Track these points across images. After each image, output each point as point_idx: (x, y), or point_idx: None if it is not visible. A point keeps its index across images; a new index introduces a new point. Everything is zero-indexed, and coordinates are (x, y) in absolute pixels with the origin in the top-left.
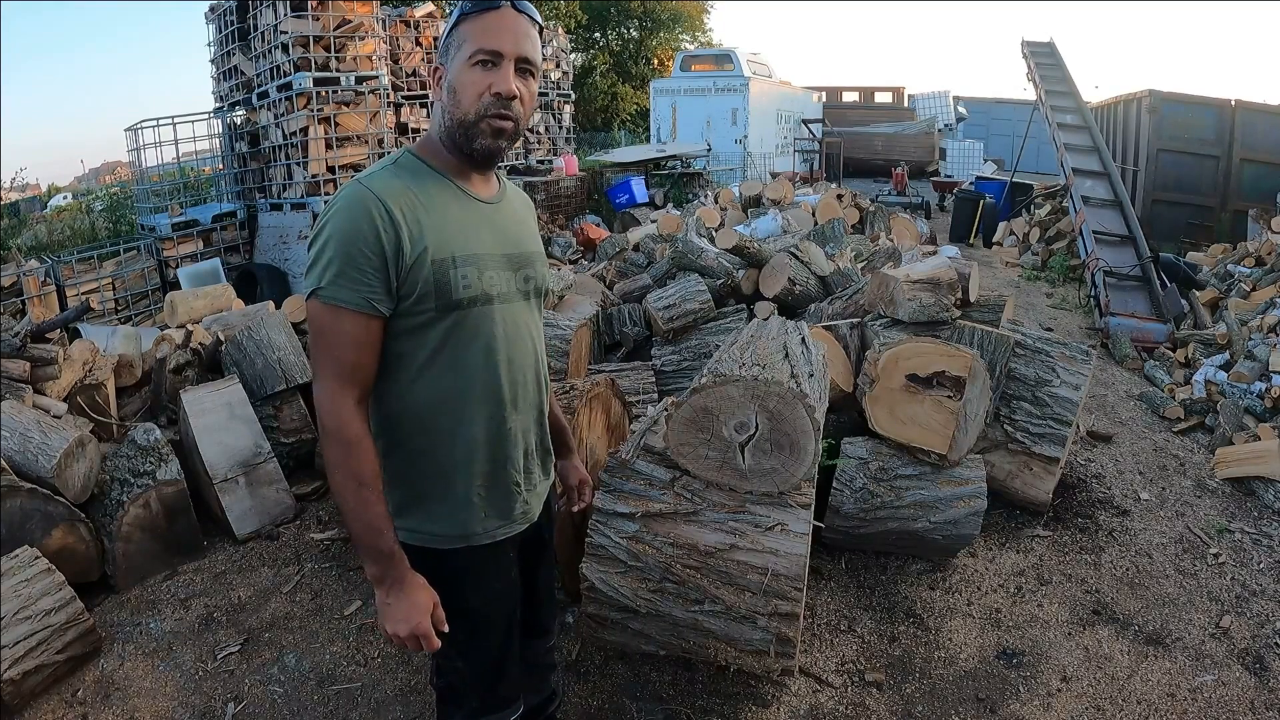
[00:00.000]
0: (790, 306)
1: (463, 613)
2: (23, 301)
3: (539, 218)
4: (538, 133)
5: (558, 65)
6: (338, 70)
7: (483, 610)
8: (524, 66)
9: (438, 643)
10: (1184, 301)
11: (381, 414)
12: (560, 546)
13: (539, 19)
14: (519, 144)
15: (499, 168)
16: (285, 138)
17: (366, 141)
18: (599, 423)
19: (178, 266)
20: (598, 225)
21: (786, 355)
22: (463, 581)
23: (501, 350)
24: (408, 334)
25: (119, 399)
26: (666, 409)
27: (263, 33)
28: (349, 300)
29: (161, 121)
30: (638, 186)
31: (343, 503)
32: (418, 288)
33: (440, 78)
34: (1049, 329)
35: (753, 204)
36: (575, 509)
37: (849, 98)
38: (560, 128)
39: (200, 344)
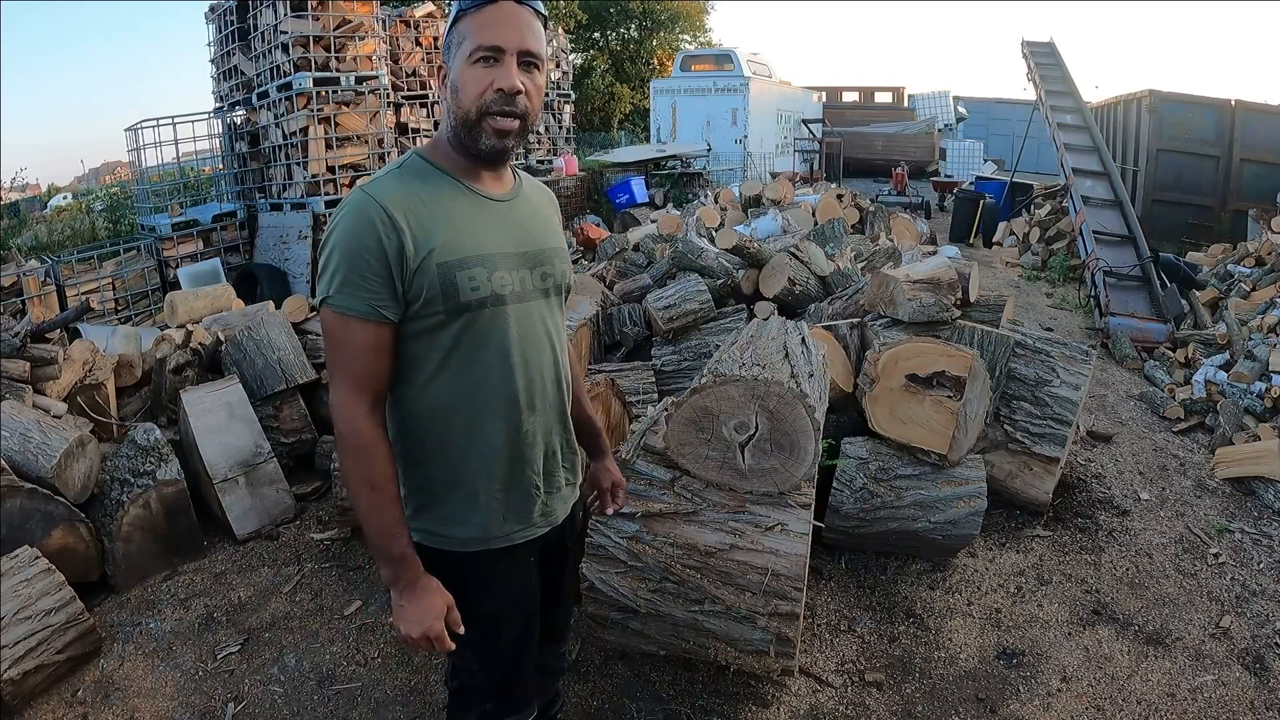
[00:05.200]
0: (790, 306)
1: (479, 616)
2: (23, 301)
3: None
4: (538, 133)
5: (558, 65)
6: (338, 70)
7: (499, 614)
8: (528, 60)
9: (451, 644)
10: (1184, 301)
11: (398, 417)
12: None
13: (542, 9)
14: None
15: (515, 164)
16: (285, 138)
17: (366, 141)
18: (599, 423)
19: (178, 266)
20: (598, 225)
21: (786, 355)
22: (479, 585)
23: (516, 352)
24: (419, 337)
25: (119, 399)
26: (666, 409)
27: (263, 33)
28: (356, 308)
29: (161, 121)
30: (638, 186)
31: (357, 506)
32: (425, 291)
33: (444, 76)
34: (1049, 329)
35: (753, 204)
36: (609, 512)
37: (849, 98)
38: (560, 128)
39: (200, 344)
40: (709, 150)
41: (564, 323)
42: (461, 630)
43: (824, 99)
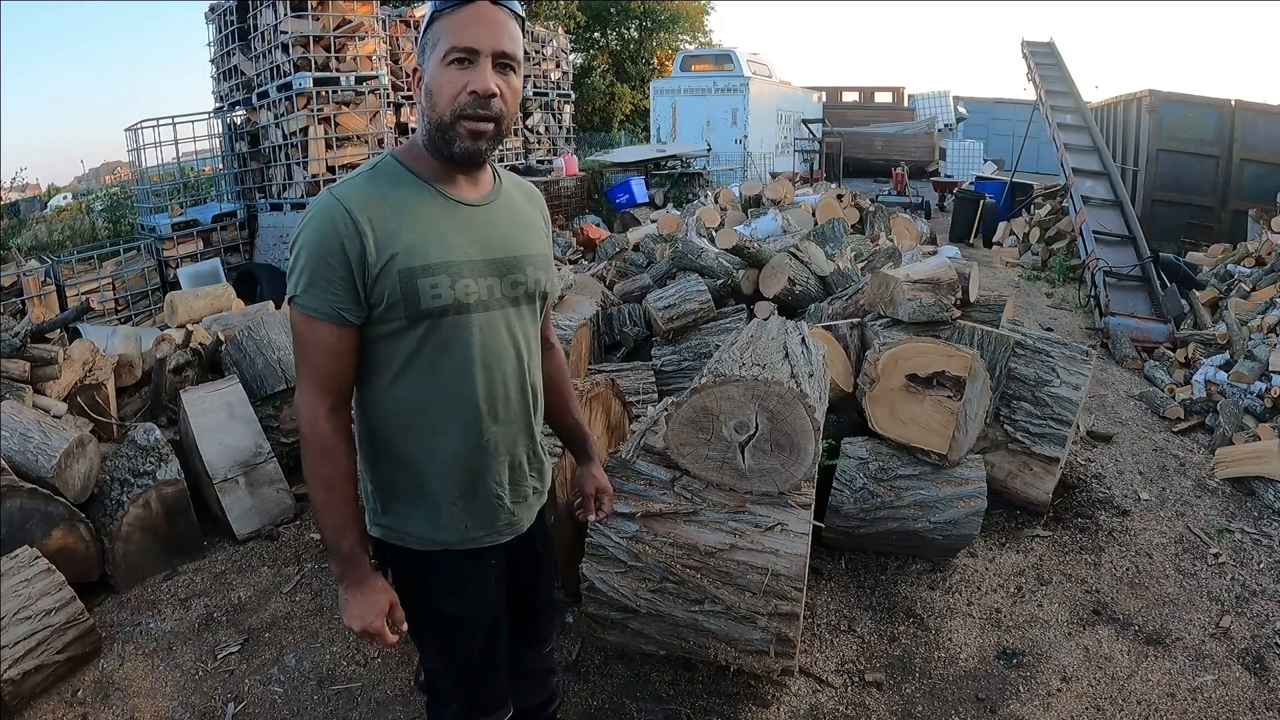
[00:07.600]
0: (790, 306)
1: (440, 616)
2: (23, 301)
3: None
4: (538, 133)
5: (558, 65)
6: (338, 70)
7: (461, 615)
8: (503, 62)
9: (392, 639)
10: (1184, 301)
11: (363, 418)
12: (560, 546)
13: (519, 10)
14: (519, 144)
15: (501, 164)
16: (285, 138)
17: (366, 141)
18: (599, 423)
19: (178, 266)
20: (598, 225)
21: (786, 355)
22: (439, 585)
23: (478, 360)
24: (381, 341)
25: (119, 399)
26: (666, 409)
27: (263, 33)
28: (319, 310)
29: (161, 121)
30: (638, 186)
31: (314, 503)
32: (386, 297)
33: (419, 79)
34: (1049, 329)
35: (753, 204)
36: (593, 518)
37: (849, 98)
38: (560, 128)
39: (200, 344)
40: (709, 150)
41: (536, 331)
42: (405, 628)
43: (824, 99)
